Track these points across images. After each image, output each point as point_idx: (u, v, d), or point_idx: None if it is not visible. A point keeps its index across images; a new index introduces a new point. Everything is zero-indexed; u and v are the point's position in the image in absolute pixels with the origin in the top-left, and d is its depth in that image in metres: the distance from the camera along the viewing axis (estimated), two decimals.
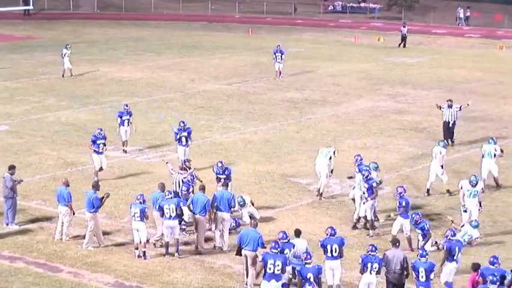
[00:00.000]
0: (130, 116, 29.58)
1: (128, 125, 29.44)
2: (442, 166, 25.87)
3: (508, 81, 45.27)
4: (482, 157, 26.49)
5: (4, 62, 47.93)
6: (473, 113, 35.84)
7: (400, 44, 57.09)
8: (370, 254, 17.80)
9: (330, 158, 25.20)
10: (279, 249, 17.92)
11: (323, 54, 54.00)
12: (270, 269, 17.70)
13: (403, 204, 21.16)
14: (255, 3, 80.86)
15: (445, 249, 18.55)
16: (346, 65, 49.55)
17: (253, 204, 23.12)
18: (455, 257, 18.50)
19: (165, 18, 73.18)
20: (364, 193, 22.40)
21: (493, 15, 71.91)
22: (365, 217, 22.51)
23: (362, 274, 17.88)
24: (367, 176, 22.49)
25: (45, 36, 60.85)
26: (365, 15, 77.77)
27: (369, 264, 17.71)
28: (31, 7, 72.79)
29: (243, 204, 22.67)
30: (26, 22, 69.58)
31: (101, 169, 26.51)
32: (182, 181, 22.66)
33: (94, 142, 26.46)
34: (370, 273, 17.74)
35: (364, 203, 22.43)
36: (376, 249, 17.94)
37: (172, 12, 76.79)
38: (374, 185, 22.37)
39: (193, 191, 22.43)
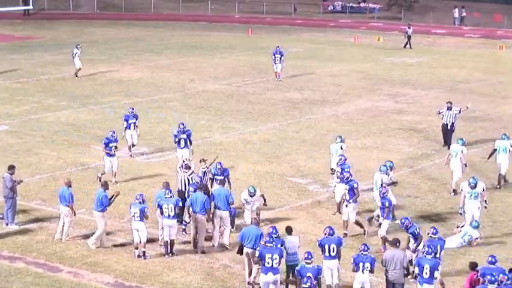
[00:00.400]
0: (136, 119, 29.28)
1: (134, 128, 29.18)
2: (465, 165, 25.83)
3: (508, 81, 45.29)
4: (498, 153, 26.58)
5: (4, 62, 47.90)
6: (473, 113, 35.83)
7: (407, 45, 56.92)
8: (362, 254, 17.86)
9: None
10: (274, 243, 18.06)
11: (323, 55, 54.02)
12: (268, 263, 17.91)
13: (387, 204, 20.94)
14: (255, 3, 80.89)
15: (426, 246, 18.68)
16: (346, 65, 49.57)
17: (263, 199, 22.98)
18: (437, 255, 18.51)
19: (165, 18, 73.21)
20: (345, 195, 22.16)
21: (492, 15, 71.93)
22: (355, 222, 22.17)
23: (356, 273, 17.93)
24: (348, 177, 22.27)
25: (45, 36, 60.89)
26: (365, 15, 77.83)
27: (361, 264, 17.80)
28: (31, 7, 72.82)
29: (253, 194, 22.22)
30: (26, 22, 69.60)
31: (115, 175, 26.26)
32: (188, 180, 22.57)
33: (107, 145, 26.24)
34: (363, 272, 17.82)
35: (346, 206, 22.07)
36: (368, 248, 18.03)
37: (172, 12, 76.82)
38: (355, 185, 22.12)
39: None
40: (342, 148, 25.62)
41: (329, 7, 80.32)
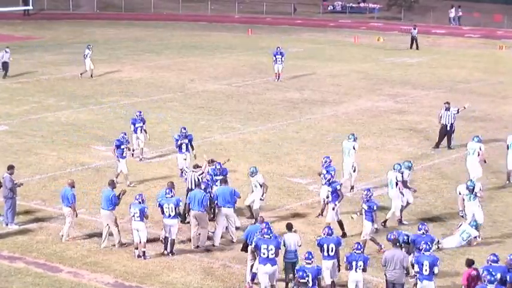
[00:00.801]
0: (143, 123, 29.06)
1: (141, 132, 28.98)
2: (485, 161, 25.99)
3: (508, 81, 45.30)
4: (509, 147, 26.65)
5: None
6: (473, 113, 35.86)
7: (413, 45, 56.84)
8: (355, 252, 17.88)
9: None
10: (271, 235, 18.13)
11: (323, 55, 54.04)
12: (264, 254, 18.01)
13: (374, 208, 20.74)
14: (255, 3, 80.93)
15: (409, 240, 18.82)
16: (346, 65, 49.57)
17: (266, 189, 22.91)
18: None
19: (165, 18, 73.24)
20: (327, 197, 22.09)
21: (492, 15, 71.96)
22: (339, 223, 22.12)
23: (349, 272, 17.96)
24: (329, 179, 22.19)
25: (45, 36, 60.91)
26: (365, 15, 77.90)
27: (354, 263, 17.82)
28: (31, 7, 72.87)
29: (253, 174, 22.22)
30: (25, 22, 69.63)
31: (118, 175, 26.10)
32: (198, 179, 22.49)
33: (118, 147, 25.98)
34: (356, 271, 17.84)
35: (333, 209, 21.87)
36: (361, 247, 18.06)
37: (172, 12, 76.88)
38: (338, 187, 22.01)
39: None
40: (354, 148, 25.51)
41: (329, 7, 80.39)
